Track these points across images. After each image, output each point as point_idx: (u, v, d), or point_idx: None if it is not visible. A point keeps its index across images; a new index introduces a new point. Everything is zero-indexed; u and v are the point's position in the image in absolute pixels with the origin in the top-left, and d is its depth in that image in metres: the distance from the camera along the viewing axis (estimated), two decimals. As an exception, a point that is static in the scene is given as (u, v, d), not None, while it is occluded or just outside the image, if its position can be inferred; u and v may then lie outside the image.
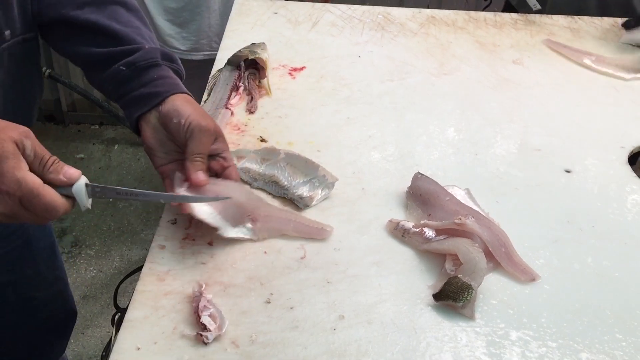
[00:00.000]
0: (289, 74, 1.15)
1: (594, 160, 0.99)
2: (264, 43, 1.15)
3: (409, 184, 0.86)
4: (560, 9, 1.52)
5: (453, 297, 0.69)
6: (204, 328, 0.64)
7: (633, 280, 0.77)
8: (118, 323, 0.70)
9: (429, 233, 0.78)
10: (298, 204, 0.83)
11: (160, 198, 0.74)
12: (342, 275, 0.73)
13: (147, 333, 0.64)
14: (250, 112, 1.02)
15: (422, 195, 0.84)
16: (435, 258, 0.76)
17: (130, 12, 0.84)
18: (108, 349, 0.71)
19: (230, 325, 0.66)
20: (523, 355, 0.66)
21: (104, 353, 0.83)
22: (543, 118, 1.09)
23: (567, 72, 1.25)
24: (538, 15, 1.47)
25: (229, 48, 1.15)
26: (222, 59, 1.12)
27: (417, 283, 0.73)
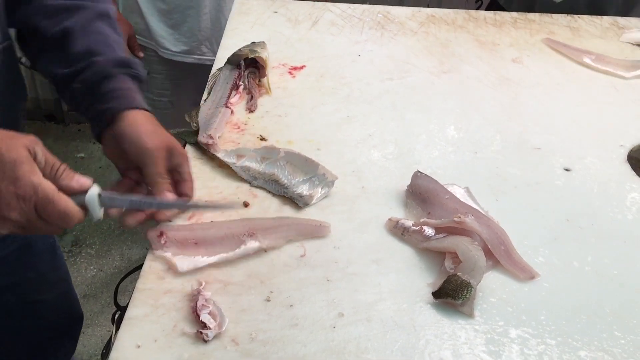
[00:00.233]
0: (289, 73, 1.15)
1: (594, 159, 0.99)
2: (264, 42, 1.16)
3: (409, 183, 0.87)
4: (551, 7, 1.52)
5: (452, 295, 0.69)
6: (204, 326, 0.64)
7: (632, 279, 0.77)
8: (118, 321, 0.70)
9: (429, 231, 0.78)
10: (298, 203, 0.83)
11: (175, 206, 0.75)
12: (341, 273, 0.74)
13: (147, 331, 0.65)
14: (250, 110, 1.02)
15: (421, 194, 0.85)
16: (435, 256, 0.76)
17: (100, 19, 0.82)
18: (108, 347, 0.71)
19: (230, 323, 0.66)
20: (522, 353, 0.66)
21: (104, 351, 0.83)
22: (543, 117, 1.09)
23: (566, 70, 1.25)
24: (538, 14, 1.47)
25: (229, 47, 1.15)
26: (222, 58, 1.12)
27: (416, 281, 0.73)
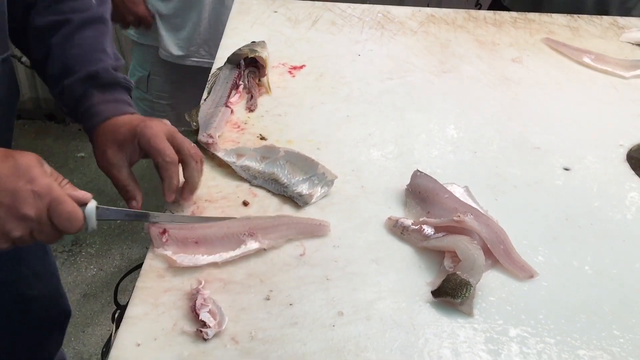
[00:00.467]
0: (289, 72, 1.15)
1: (593, 159, 0.99)
2: (264, 41, 1.16)
3: (408, 182, 0.87)
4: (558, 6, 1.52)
5: (452, 293, 0.69)
6: (204, 324, 0.64)
7: (631, 278, 0.77)
8: (118, 320, 0.70)
9: (428, 230, 0.78)
10: (297, 202, 0.83)
11: (171, 219, 0.76)
12: (341, 272, 0.74)
13: (147, 329, 0.65)
14: (250, 110, 1.02)
15: (421, 193, 0.85)
16: (434, 255, 0.77)
17: (84, 27, 0.84)
18: (108, 346, 0.72)
19: (230, 322, 0.66)
20: (521, 352, 0.66)
21: (104, 349, 0.83)
22: (542, 116, 1.09)
23: (566, 70, 1.26)
24: (538, 14, 1.47)
25: (229, 46, 1.15)
26: (222, 58, 1.12)
27: (416, 280, 0.74)
